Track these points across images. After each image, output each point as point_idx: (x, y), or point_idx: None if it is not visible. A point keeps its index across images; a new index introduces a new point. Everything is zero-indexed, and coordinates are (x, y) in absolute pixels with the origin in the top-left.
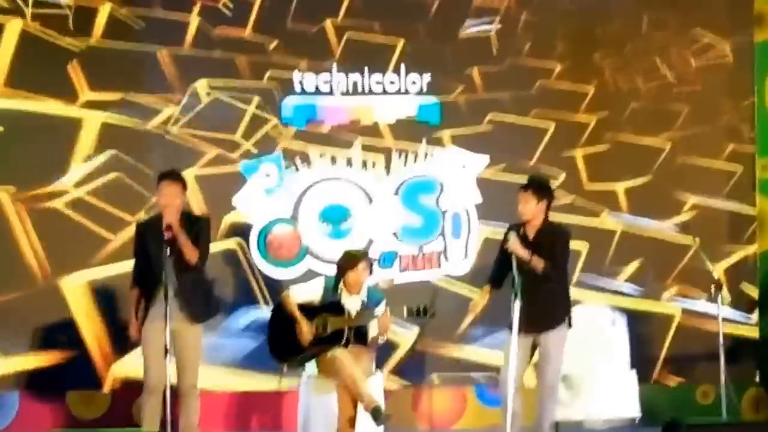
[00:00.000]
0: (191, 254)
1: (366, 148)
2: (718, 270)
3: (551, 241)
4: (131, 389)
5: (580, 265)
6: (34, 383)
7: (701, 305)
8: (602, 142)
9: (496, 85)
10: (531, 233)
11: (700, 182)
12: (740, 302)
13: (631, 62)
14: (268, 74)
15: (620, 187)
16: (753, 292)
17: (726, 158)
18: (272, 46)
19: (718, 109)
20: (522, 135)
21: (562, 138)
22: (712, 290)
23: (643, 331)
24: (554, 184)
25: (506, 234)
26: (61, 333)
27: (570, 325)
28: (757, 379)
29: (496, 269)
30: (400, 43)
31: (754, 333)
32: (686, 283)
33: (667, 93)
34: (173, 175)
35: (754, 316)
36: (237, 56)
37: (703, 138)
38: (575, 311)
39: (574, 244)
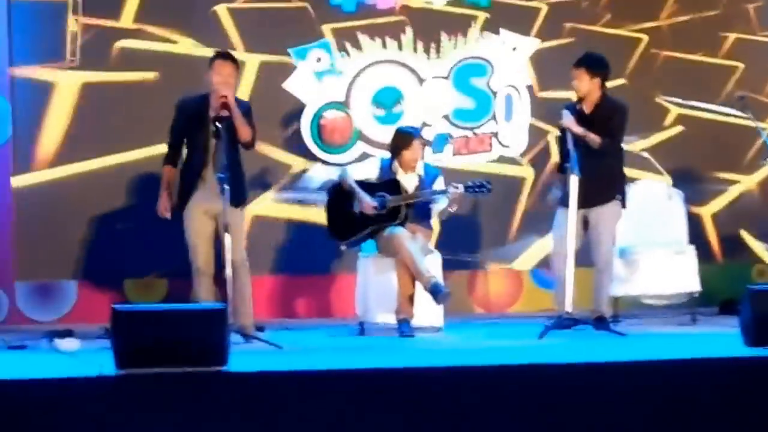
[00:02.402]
0: (246, 133)
1: (417, 30)
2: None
3: (608, 115)
4: (189, 275)
5: None
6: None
7: None
8: None
9: None
10: (588, 109)
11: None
12: None
13: None
14: None
15: None
16: None
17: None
18: None
19: None
20: None
21: None
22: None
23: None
24: None
25: (561, 112)
26: None
27: (624, 205)
28: None
29: (563, 156)
30: None
31: None
32: None
33: None
34: (227, 56)
35: None
36: None
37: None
38: (631, 186)
39: None
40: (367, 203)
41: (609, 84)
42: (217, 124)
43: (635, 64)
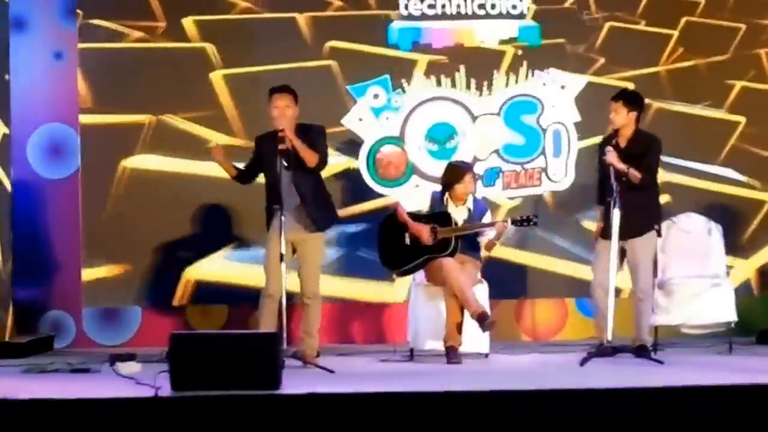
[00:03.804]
0: (310, 158)
1: (470, 69)
2: None
3: (644, 149)
4: (247, 303)
5: None
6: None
7: None
8: None
9: None
10: (623, 142)
11: None
12: None
13: None
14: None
15: None
16: None
17: None
18: None
19: None
20: None
21: None
22: None
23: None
24: None
25: (601, 147)
26: None
27: (659, 234)
28: None
29: (601, 188)
30: None
31: None
32: None
33: None
34: (284, 88)
35: None
36: None
37: None
38: (673, 221)
39: None
40: (422, 230)
41: (588, 142)
42: (282, 156)
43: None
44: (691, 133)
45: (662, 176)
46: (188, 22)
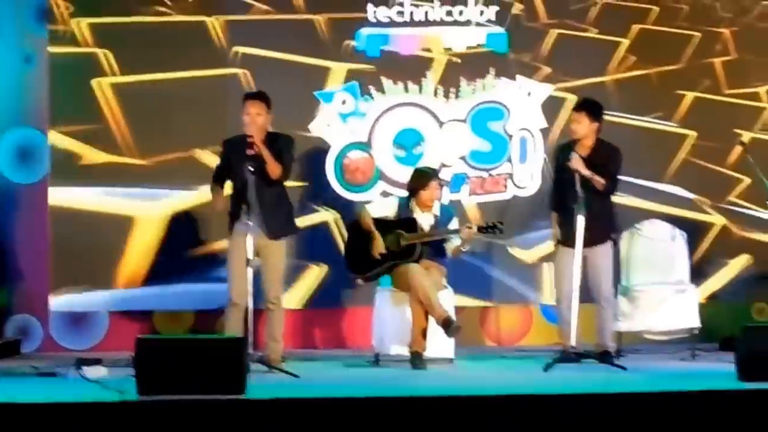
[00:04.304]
0: (274, 169)
1: (437, 75)
2: None
3: (606, 159)
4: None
5: None
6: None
7: None
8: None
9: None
10: (584, 152)
11: None
12: None
13: None
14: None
15: None
16: None
17: None
18: None
19: None
20: None
21: None
22: None
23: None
24: None
25: (558, 153)
26: None
27: (615, 243)
28: None
29: (557, 194)
30: None
31: None
32: None
33: None
34: (257, 95)
35: None
36: None
37: None
38: (637, 227)
39: None
40: (376, 246)
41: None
42: (250, 162)
43: (561, 132)
44: (638, 146)
45: None
46: (83, 26)
